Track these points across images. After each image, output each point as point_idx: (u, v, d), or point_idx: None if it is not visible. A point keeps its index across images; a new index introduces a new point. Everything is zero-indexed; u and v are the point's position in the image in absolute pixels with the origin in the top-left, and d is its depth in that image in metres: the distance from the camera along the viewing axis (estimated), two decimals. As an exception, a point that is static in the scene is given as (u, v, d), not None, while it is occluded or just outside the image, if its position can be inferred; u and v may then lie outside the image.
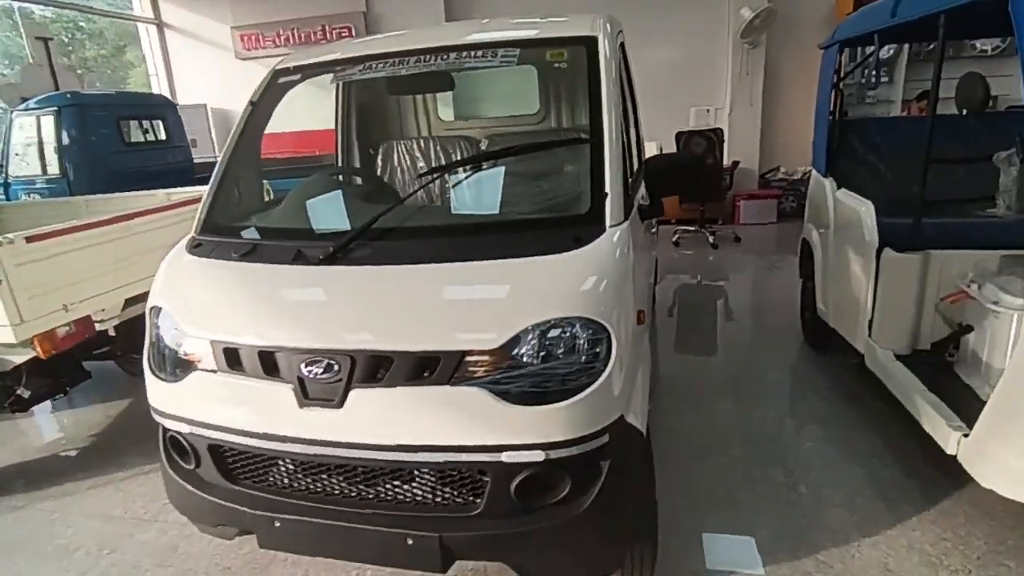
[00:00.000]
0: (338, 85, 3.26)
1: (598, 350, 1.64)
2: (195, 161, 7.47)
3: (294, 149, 9.74)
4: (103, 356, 3.52)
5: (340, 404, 1.69)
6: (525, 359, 1.63)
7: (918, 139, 2.83)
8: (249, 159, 2.53)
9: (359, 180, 2.61)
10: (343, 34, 9.78)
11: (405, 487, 1.79)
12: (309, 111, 10.34)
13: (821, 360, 3.98)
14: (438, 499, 1.77)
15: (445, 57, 2.31)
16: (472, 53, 2.28)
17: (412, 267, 1.79)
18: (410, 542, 1.72)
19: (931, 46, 6.65)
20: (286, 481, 1.92)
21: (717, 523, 2.48)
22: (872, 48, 3.24)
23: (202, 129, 10.13)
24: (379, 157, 3.47)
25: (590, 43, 2.22)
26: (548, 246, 1.76)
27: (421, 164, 3.30)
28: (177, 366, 1.96)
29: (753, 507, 2.58)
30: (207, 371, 1.87)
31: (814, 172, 4.03)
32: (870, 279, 3.09)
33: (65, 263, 2.76)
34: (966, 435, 2.24)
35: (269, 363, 1.77)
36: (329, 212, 2.26)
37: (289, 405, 1.74)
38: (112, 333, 2.96)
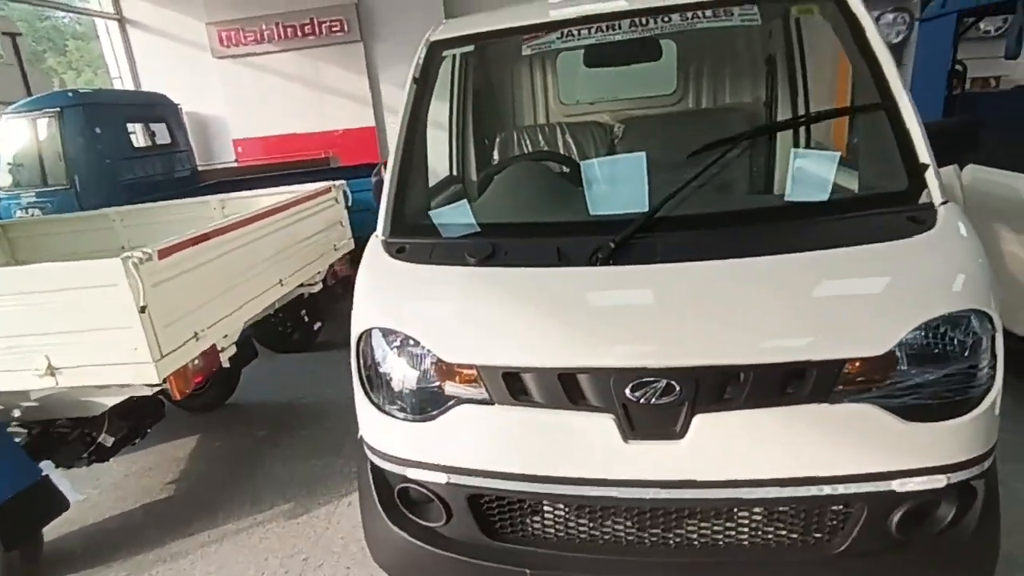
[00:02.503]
0: (454, 65, 2.89)
1: (991, 348, 1.39)
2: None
3: (291, 153, 9.19)
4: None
5: (682, 435, 1.38)
6: (918, 364, 1.36)
7: None
8: (422, 145, 2.15)
9: (559, 166, 2.25)
10: (334, 28, 9.23)
11: (748, 529, 1.49)
12: (301, 113, 9.75)
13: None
14: (786, 540, 1.49)
15: (666, 19, 2.00)
16: (702, 12, 1.97)
17: (730, 262, 1.48)
18: None
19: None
20: (572, 531, 1.59)
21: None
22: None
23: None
24: (496, 147, 3.12)
25: None
26: (886, 230, 1.50)
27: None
28: (426, 402, 1.59)
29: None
30: (477, 403, 1.52)
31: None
32: (1032, 256, 2.97)
33: (193, 281, 2.29)
34: None
35: (575, 389, 1.44)
36: (567, 202, 1.90)
37: (609, 440, 1.41)
38: (227, 365, 2.50)
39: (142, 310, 1.97)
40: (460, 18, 2.48)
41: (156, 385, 2.09)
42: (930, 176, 1.61)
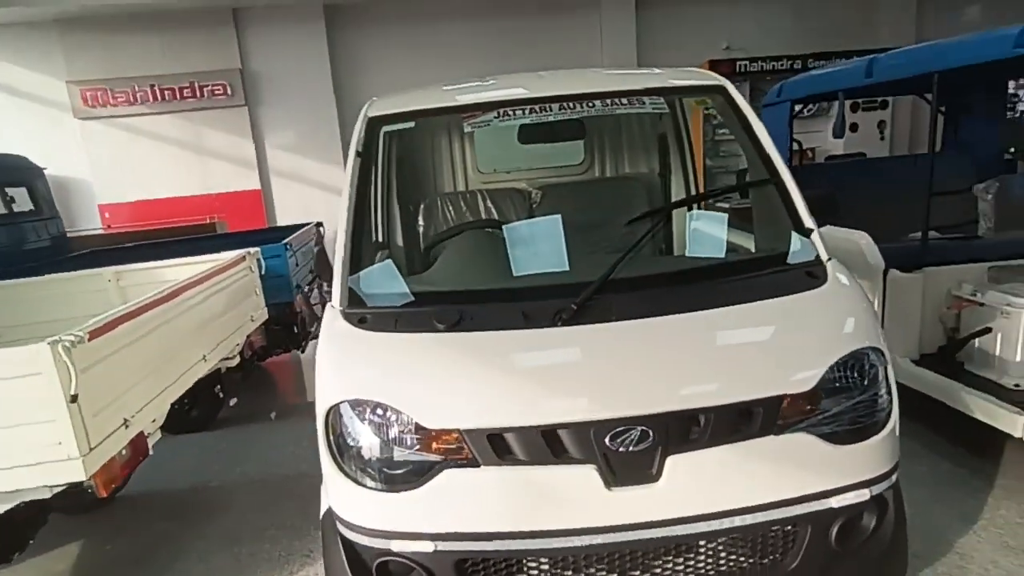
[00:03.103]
0: (380, 137, 2.99)
1: (886, 377, 1.71)
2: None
3: (167, 218, 8.56)
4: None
5: (658, 476, 1.53)
6: (836, 396, 1.63)
7: (846, 180, 3.41)
8: (369, 216, 2.20)
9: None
10: (216, 92, 8.92)
11: (712, 560, 1.65)
12: (178, 177, 9.29)
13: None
14: (746, 564, 1.66)
15: (591, 104, 2.27)
16: (620, 101, 2.27)
17: (673, 317, 1.70)
18: None
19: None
20: None
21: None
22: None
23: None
24: (420, 214, 3.22)
25: (724, 91, 2.35)
26: (789, 283, 1.81)
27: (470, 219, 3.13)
28: (408, 470, 1.60)
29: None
30: (463, 467, 1.56)
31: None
32: (877, 297, 3.60)
33: (122, 362, 2.05)
34: (1032, 417, 2.69)
35: (557, 444, 1.54)
36: (516, 268, 2.02)
37: (594, 489, 1.52)
38: (151, 453, 2.24)
39: (73, 399, 1.76)
40: (391, 96, 2.59)
41: (79, 483, 1.84)
42: (816, 238, 1.97)
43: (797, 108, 4.55)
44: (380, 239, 3.18)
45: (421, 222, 3.22)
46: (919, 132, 8.21)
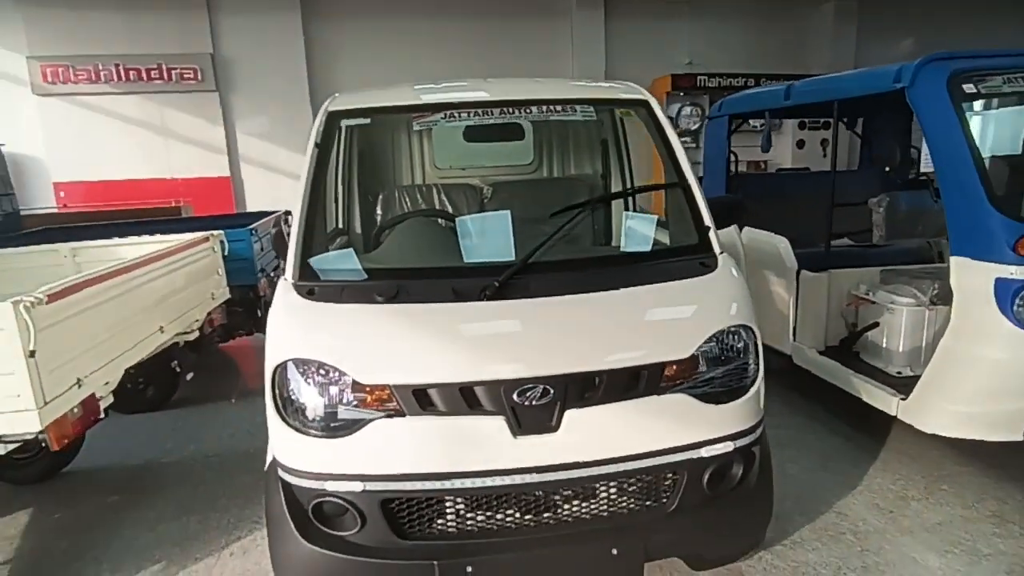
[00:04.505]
0: (342, 131, 3.22)
1: (755, 351, 2.04)
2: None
3: (127, 200, 8.50)
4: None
5: (556, 427, 1.81)
6: (710, 364, 1.95)
7: (784, 190, 3.81)
8: (323, 203, 2.44)
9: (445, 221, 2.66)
10: (186, 76, 8.90)
11: (607, 501, 1.94)
12: (141, 159, 9.25)
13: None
14: (634, 506, 1.96)
15: (528, 110, 2.56)
16: (554, 107, 2.57)
17: (581, 296, 2.00)
18: (615, 552, 1.88)
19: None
20: (471, 522, 1.91)
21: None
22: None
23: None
24: (379, 204, 3.46)
25: (647, 105, 2.67)
26: (684, 270, 2.13)
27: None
28: (343, 420, 1.85)
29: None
30: (390, 417, 1.82)
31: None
32: (791, 295, 4.00)
33: (78, 325, 2.23)
34: (903, 399, 3.10)
35: (473, 398, 1.81)
36: (454, 251, 2.30)
37: (502, 436, 1.80)
38: (103, 416, 2.41)
39: (31, 355, 1.95)
40: (352, 92, 2.83)
41: (36, 434, 2.02)
42: (712, 235, 2.30)
43: (741, 125, 4.93)
44: (340, 225, 3.41)
45: (379, 211, 3.47)
46: (857, 151, 8.83)
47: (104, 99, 8.88)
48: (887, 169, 4.53)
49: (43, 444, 2.14)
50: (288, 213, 6.10)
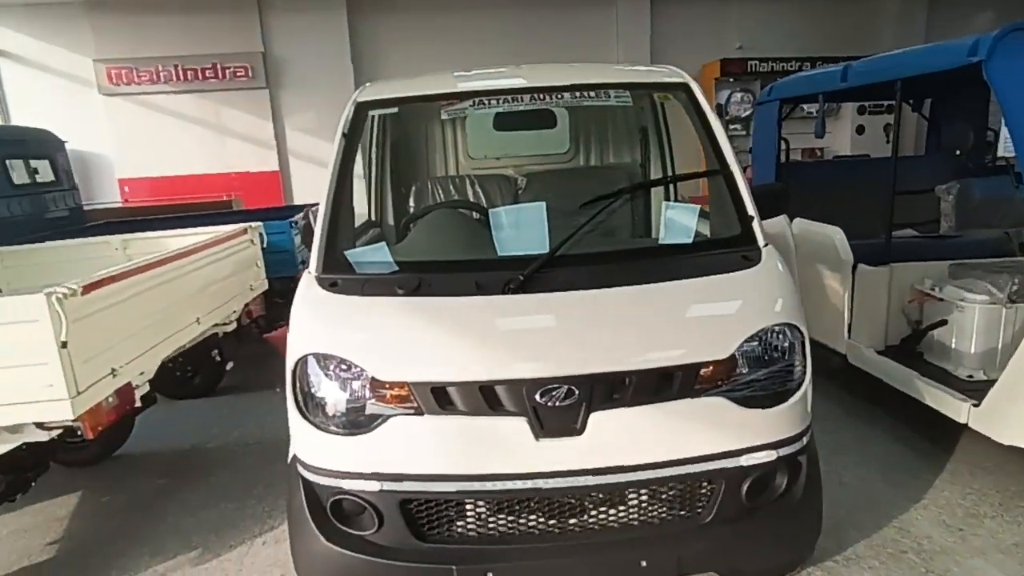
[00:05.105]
0: (374, 121, 3.19)
1: (802, 351, 1.86)
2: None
3: (185, 194, 8.86)
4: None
5: (581, 430, 1.70)
6: (752, 365, 1.79)
7: (839, 178, 3.51)
8: (350, 194, 2.40)
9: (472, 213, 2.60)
10: (238, 74, 9.19)
11: (636, 510, 1.82)
12: (197, 155, 9.56)
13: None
14: (666, 516, 1.83)
15: (560, 96, 2.44)
16: (587, 93, 2.44)
17: (610, 290, 1.87)
18: (644, 564, 1.75)
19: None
20: (491, 526, 1.83)
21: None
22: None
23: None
24: (411, 195, 3.42)
25: (687, 88, 2.50)
26: (725, 264, 1.96)
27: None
28: (361, 417, 1.79)
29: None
30: (408, 415, 1.75)
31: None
32: (846, 290, 3.72)
33: (114, 317, 2.28)
34: (975, 405, 2.81)
35: (493, 398, 1.72)
36: (481, 243, 2.22)
37: (523, 439, 1.70)
38: (139, 404, 2.47)
39: (63, 345, 1.99)
40: (381, 82, 2.78)
41: (69, 422, 2.07)
42: (755, 226, 2.12)
43: (793, 111, 4.65)
44: (373, 217, 3.39)
45: (412, 203, 3.42)
46: (923, 136, 8.24)
47: (164, 98, 9.28)
48: (958, 153, 4.15)
49: (79, 432, 2.19)
50: (315, 205, 6.11)
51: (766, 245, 2.09)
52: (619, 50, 9.51)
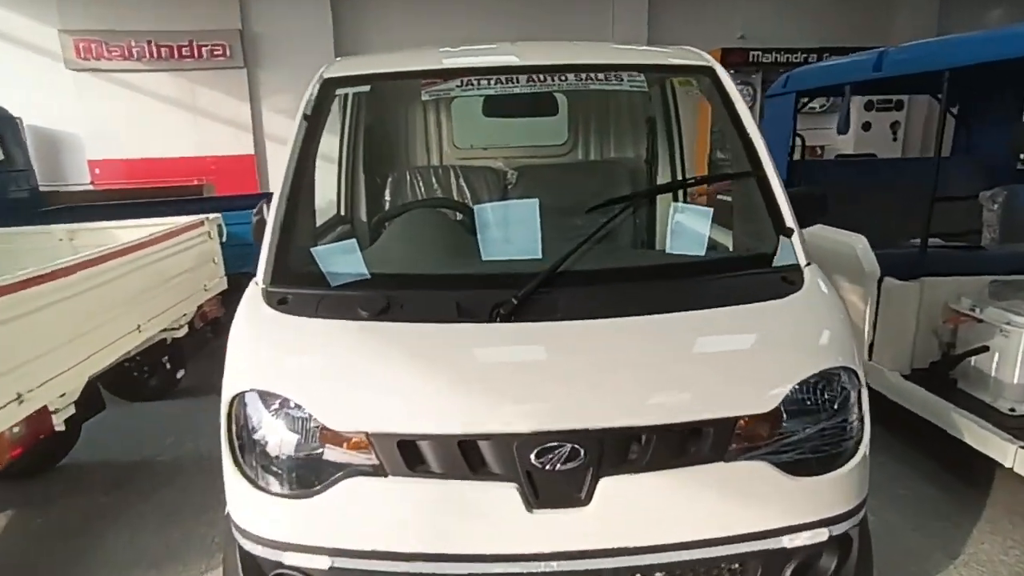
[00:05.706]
0: (346, 102, 2.77)
1: (859, 402, 1.51)
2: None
3: (158, 178, 8.35)
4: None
5: (587, 501, 1.33)
6: (799, 420, 1.43)
7: (853, 180, 3.18)
8: (311, 186, 1.99)
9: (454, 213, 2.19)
10: (215, 52, 8.69)
11: None
12: (172, 136, 9.03)
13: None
14: None
15: (563, 77, 2.04)
16: (595, 75, 2.05)
17: (626, 320, 1.49)
18: None
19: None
20: None
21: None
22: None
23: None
24: (388, 188, 3.01)
25: (712, 73, 2.12)
26: (762, 288, 1.60)
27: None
28: (308, 474, 1.41)
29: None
30: (368, 475, 1.37)
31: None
32: (869, 306, 3.38)
33: (26, 330, 1.86)
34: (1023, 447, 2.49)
35: (476, 457, 1.35)
36: (464, 251, 1.83)
37: (513, 510, 1.33)
38: (61, 428, 2.06)
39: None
40: (355, 56, 2.38)
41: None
42: (796, 240, 1.75)
43: (808, 104, 4.28)
44: (342, 212, 2.98)
45: (388, 196, 3.02)
46: (933, 135, 7.98)
47: (137, 76, 8.76)
48: (1022, 157, 3.76)
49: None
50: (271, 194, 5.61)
51: (808, 264, 1.73)
52: (615, 35, 9.13)
